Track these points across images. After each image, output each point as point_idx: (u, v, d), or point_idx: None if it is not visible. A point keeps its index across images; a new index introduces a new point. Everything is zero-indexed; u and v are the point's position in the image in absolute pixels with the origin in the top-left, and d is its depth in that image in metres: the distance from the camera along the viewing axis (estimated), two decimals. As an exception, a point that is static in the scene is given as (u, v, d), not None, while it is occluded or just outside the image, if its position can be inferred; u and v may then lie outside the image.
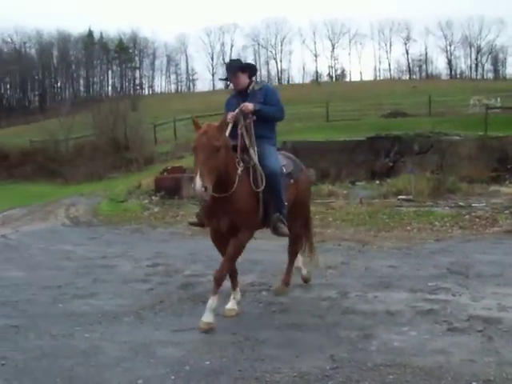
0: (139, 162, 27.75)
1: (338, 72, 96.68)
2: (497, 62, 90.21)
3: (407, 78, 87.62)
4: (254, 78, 6.14)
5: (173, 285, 7.00)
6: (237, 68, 6.00)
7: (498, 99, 32.03)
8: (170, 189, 17.75)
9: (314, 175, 18.33)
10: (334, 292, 6.39)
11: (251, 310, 5.90)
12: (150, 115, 35.76)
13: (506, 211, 11.40)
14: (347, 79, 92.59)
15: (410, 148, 18.27)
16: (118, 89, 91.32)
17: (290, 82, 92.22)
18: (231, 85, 6.24)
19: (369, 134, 20.15)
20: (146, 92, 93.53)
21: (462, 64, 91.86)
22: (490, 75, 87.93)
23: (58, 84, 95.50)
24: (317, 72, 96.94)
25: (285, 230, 5.81)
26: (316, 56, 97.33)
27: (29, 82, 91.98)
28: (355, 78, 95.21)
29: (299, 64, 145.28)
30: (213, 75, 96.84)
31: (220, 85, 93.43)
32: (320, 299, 6.16)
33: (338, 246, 8.84)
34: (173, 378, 4.36)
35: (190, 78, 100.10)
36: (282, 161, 6.10)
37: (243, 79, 6.00)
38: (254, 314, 5.78)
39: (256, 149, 5.73)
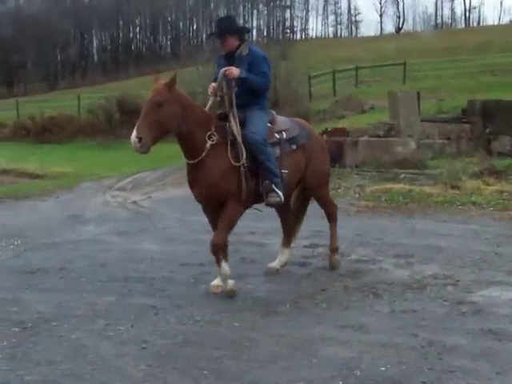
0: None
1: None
2: None
3: None
4: (246, 41, 6.72)
5: (336, 271, 7.05)
6: (225, 30, 6.62)
7: None
8: (330, 155, 17.63)
9: (510, 145, 17.57)
10: (542, 295, 6.11)
11: (435, 308, 5.79)
12: (304, 65, 35.84)
13: None
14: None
15: None
16: (265, 32, 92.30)
17: (482, 24, 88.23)
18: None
19: None
20: (299, 37, 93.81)
21: None
22: None
23: (194, 27, 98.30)
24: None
25: (275, 199, 6.38)
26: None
27: (160, 24, 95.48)
28: None
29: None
30: (381, 16, 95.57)
31: (390, 27, 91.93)
32: (524, 302, 5.93)
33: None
34: (340, 383, 4.40)
35: (353, 19, 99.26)
36: (283, 125, 6.73)
37: (231, 42, 6.60)
38: (439, 313, 5.67)
39: (240, 116, 6.38)
